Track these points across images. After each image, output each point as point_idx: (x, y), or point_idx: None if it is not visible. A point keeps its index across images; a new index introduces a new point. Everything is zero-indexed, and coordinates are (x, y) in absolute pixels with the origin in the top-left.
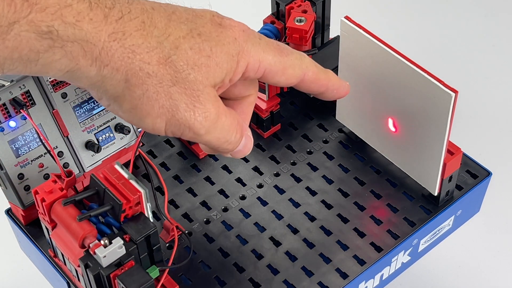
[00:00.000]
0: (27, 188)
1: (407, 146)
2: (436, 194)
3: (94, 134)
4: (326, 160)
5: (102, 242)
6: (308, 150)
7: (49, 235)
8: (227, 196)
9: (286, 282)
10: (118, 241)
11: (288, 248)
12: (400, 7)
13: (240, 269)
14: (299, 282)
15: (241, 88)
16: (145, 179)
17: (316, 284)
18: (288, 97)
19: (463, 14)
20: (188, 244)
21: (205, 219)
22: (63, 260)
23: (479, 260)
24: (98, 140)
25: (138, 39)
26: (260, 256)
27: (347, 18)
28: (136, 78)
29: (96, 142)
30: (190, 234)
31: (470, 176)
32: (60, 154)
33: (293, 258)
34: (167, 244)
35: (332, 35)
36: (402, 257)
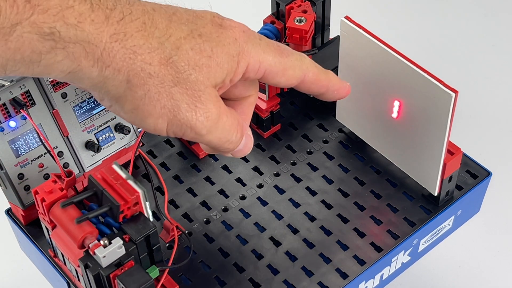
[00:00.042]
0: (27, 188)
1: (407, 146)
2: (436, 194)
3: (94, 134)
4: (326, 160)
5: (102, 242)
6: (308, 150)
7: (49, 235)
8: (227, 196)
9: (286, 282)
10: (118, 241)
11: (288, 248)
12: (400, 7)
13: (240, 269)
14: (299, 282)
15: (241, 88)
16: (145, 179)
17: (316, 284)
18: (288, 97)
19: (463, 14)
20: (188, 244)
21: (205, 219)
22: (63, 260)
23: (479, 260)
24: (98, 140)
25: (140, 40)
26: (260, 256)
27: (347, 18)
28: (138, 79)
29: (96, 142)
30: (190, 234)
31: (470, 176)
32: (60, 154)
33: (293, 258)
34: (167, 244)
35: (332, 35)
36: (402, 257)
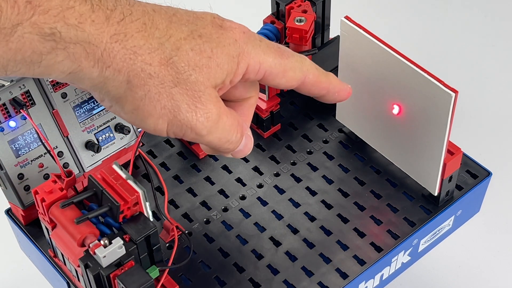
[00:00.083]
0: (27, 188)
1: (407, 146)
2: (436, 194)
3: (94, 134)
4: (326, 160)
5: (102, 242)
6: (308, 150)
7: (49, 235)
8: (227, 196)
9: (286, 282)
10: (118, 241)
11: (288, 248)
12: (400, 7)
13: (240, 269)
14: (299, 282)
15: (241, 90)
16: (145, 179)
17: (316, 284)
18: (288, 97)
19: (463, 14)
20: (188, 244)
21: (205, 219)
22: (63, 260)
23: (479, 260)
24: (98, 140)
25: (140, 40)
26: (260, 256)
27: (347, 18)
28: (138, 79)
29: (96, 142)
30: (190, 234)
31: (470, 176)
32: (60, 154)
33: (293, 258)
34: (167, 244)
35: (332, 35)
36: (402, 257)
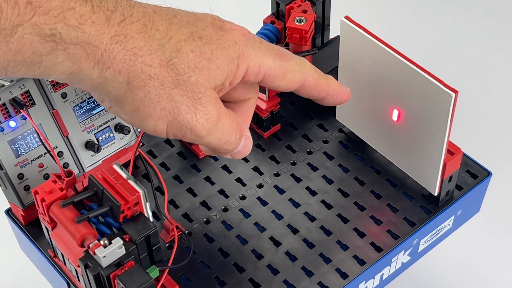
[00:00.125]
0: (27, 188)
1: (407, 146)
2: (436, 194)
3: (94, 134)
4: (326, 160)
5: (102, 242)
6: (308, 150)
7: (49, 235)
8: (227, 196)
9: (286, 282)
10: (118, 241)
11: (288, 248)
12: (400, 7)
13: (240, 269)
14: (299, 282)
15: (241, 91)
16: (145, 179)
17: (316, 284)
18: (288, 97)
19: (463, 14)
20: (188, 244)
21: (205, 219)
22: (63, 260)
23: (479, 260)
24: (98, 140)
25: (140, 41)
26: (260, 256)
27: (347, 18)
28: (138, 80)
29: (96, 142)
30: (190, 234)
31: (470, 176)
32: (60, 154)
33: (293, 258)
34: (167, 244)
35: (332, 35)
36: (402, 257)
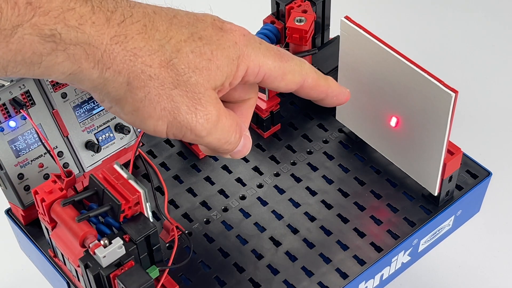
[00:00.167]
0: (27, 188)
1: (407, 146)
2: (436, 194)
3: (94, 134)
4: (326, 160)
5: (102, 242)
6: (308, 150)
7: (49, 235)
8: (227, 196)
9: (286, 282)
10: (118, 241)
11: (288, 248)
12: (400, 7)
13: (240, 269)
14: (299, 282)
15: (241, 91)
16: (145, 179)
17: (316, 284)
18: (288, 97)
19: (463, 14)
20: (188, 244)
21: (205, 219)
22: (63, 260)
23: (479, 260)
24: (98, 140)
25: (140, 42)
26: (260, 256)
27: (347, 18)
28: (138, 81)
29: (96, 142)
30: (190, 234)
31: (470, 176)
32: (60, 154)
33: (293, 258)
34: (167, 244)
35: (332, 35)
36: (402, 257)
